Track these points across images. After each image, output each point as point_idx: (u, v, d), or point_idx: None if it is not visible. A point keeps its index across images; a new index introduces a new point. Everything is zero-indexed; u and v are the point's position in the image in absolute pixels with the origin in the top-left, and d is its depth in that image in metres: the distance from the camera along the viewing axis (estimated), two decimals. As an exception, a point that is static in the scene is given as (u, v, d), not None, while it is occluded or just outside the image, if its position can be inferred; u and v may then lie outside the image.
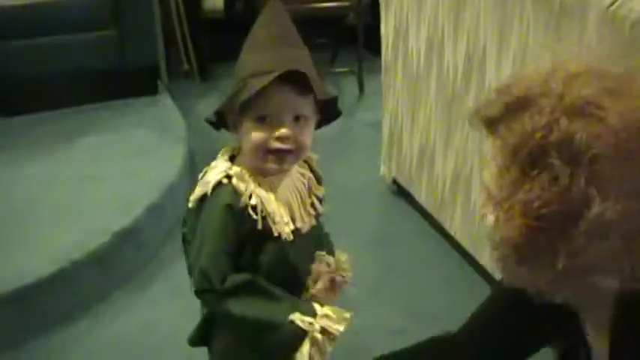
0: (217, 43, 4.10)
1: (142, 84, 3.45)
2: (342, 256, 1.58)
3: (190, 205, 1.44)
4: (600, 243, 0.97)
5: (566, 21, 1.96)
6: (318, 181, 1.56)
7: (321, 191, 1.55)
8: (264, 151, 1.38)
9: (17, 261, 2.45)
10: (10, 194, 2.81)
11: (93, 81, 3.34)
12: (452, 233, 2.71)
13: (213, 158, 1.50)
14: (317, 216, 1.54)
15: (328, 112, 1.46)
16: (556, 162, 0.97)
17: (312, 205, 1.53)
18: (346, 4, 3.83)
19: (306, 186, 1.52)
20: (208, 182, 1.40)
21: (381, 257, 2.78)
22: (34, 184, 2.85)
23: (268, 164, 1.40)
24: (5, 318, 2.35)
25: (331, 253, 1.60)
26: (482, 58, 2.35)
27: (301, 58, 1.40)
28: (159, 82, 3.55)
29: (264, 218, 1.40)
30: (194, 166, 3.22)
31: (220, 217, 1.38)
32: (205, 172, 1.44)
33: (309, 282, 1.52)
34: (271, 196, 1.42)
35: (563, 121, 0.98)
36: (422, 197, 2.88)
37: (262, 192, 1.41)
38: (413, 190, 2.95)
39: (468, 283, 2.58)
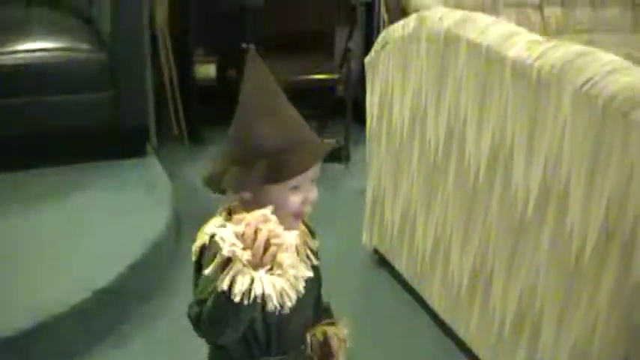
0: (208, 109, 4.21)
1: (132, 146, 3.49)
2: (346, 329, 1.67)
3: (193, 258, 1.48)
4: None
5: (544, 96, 2.03)
6: (312, 233, 1.60)
7: (315, 244, 1.59)
8: (297, 215, 1.47)
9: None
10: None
11: (84, 141, 3.37)
12: (431, 305, 2.73)
13: (200, 219, 1.53)
14: (314, 267, 1.56)
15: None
16: None
17: (308, 257, 1.56)
18: (335, 76, 3.92)
19: (301, 239, 1.54)
20: (204, 232, 1.44)
21: (357, 326, 2.79)
22: (17, 238, 2.87)
23: (295, 224, 1.48)
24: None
25: (333, 322, 1.69)
26: (462, 130, 2.41)
27: (305, 124, 1.48)
28: (148, 145, 3.58)
29: None
30: (180, 227, 3.26)
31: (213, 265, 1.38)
32: (203, 226, 1.46)
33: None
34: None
35: None
36: (402, 267, 2.91)
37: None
38: (394, 260, 2.97)
39: (446, 355, 2.60)
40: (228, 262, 1.30)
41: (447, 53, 2.45)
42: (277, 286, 1.29)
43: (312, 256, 1.57)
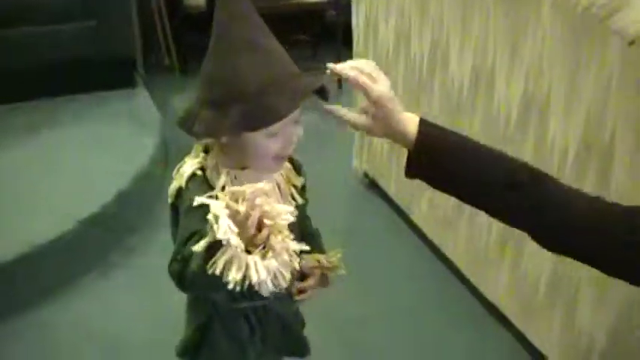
0: (199, 38, 4.14)
1: (118, 77, 3.46)
2: (337, 254, 1.58)
3: (169, 200, 1.41)
4: None
5: (524, 7, 1.98)
6: (297, 170, 1.51)
7: (300, 181, 1.51)
8: (278, 158, 1.36)
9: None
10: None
11: (68, 72, 3.35)
12: (418, 224, 2.72)
13: (189, 150, 1.48)
14: (297, 206, 1.46)
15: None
16: None
17: (292, 196, 1.49)
18: (325, 0, 3.84)
19: (284, 177, 1.47)
20: (182, 175, 1.37)
21: (347, 247, 2.79)
22: (5, 172, 2.88)
23: (276, 167, 1.40)
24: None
25: (320, 249, 1.59)
26: (446, 48, 2.37)
27: (288, 59, 1.34)
28: (136, 76, 3.55)
29: None
30: (168, 157, 3.24)
31: (189, 213, 1.32)
32: (180, 166, 1.40)
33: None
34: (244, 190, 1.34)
35: None
36: (391, 190, 2.90)
37: (238, 184, 1.31)
38: (383, 183, 2.96)
39: (434, 275, 2.60)
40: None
41: (427, -32, 2.39)
42: (271, 269, 1.20)
43: (296, 195, 1.49)
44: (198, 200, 1.21)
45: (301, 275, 1.57)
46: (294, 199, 1.48)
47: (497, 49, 2.13)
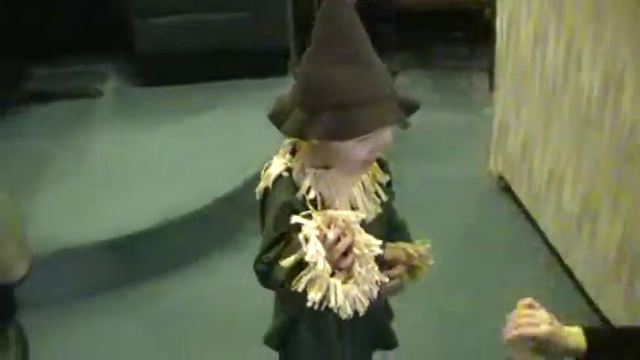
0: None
1: (273, 65, 3.60)
2: (425, 244, 1.58)
3: (257, 197, 1.49)
4: None
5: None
6: (383, 167, 1.54)
7: (385, 178, 1.54)
8: (366, 162, 1.41)
9: (128, 213, 2.68)
10: (133, 155, 3.06)
11: (225, 59, 3.53)
12: (544, 230, 2.69)
13: None
14: (382, 203, 1.51)
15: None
16: None
17: (377, 193, 1.52)
18: (482, -1, 3.81)
19: (370, 175, 1.51)
20: (269, 175, 1.43)
21: (471, 247, 2.81)
22: (155, 148, 3.10)
23: (363, 170, 1.45)
24: (108, 263, 2.60)
25: (407, 240, 1.60)
26: (579, 52, 2.32)
27: (386, 74, 1.38)
28: (289, 65, 3.68)
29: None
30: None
31: (275, 215, 1.40)
32: (267, 166, 1.47)
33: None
34: (332, 190, 1.43)
35: None
36: (521, 192, 2.88)
37: (323, 185, 1.42)
38: (515, 186, 2.94)
39: (553, 282, 2.56)
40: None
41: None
42: (350, 296, 1.31)
43: (380, 192, 1.51)
44: (295, 220, 1.31)
45: (388, 266, 1.59)
46: (378, 196, 1.51)
47: (627, 57, 2.07)
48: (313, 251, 1.26)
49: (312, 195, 1.39)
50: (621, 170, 2.12)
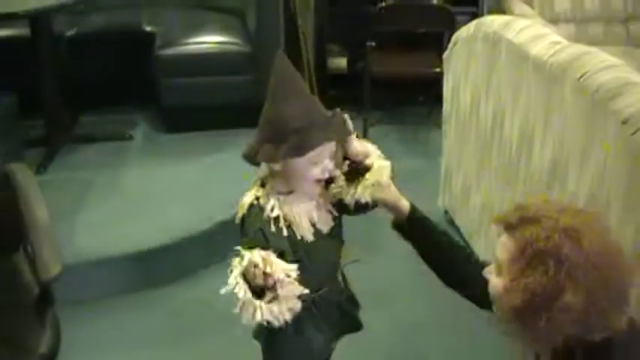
0: (338, 92, 4.37)
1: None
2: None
3: (237, 222, 1.61)
4: (565, 317, 1.26)
5: (554, 87, 2.06)
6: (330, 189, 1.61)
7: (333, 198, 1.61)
8: (317, 181, 1.54)
9: (150, 231, 2.77)
10: (156, 186, 3.15)
11: (230, 113, 3.62)
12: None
13: None
14: (335, 218, 1.61)
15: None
16: (550, 262, 1.26)
17: (329, 210, 1.61)
18: (437, 69, 3.94)
19: (323, 195, 1.59)
20: (244, 205, 1.58)
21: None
22: (173, 180, 3.20)
23: (315, 189, 1.56)
24: (132, 270, 2.70)
25: None
26: (503, 115, 2.45)
27: (321, 105, 1.53)
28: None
29: (289, 227, 1.52)
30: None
31: (251, 238, 1.52)
32: (241, 199, 1.61)
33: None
34: (293, 209, 1.54)
35: (554, 237, 1.27)
36: (462, 225, 2.95)
37: (286, 207, 1.53)
38: (457, 219, 3.01)
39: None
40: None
41: (493, 51, 2.48)
42: (275, 311, 1.43)
43: (331, 208, 1.61)
44: (247, 201, 1.56)
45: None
46: (330, 212, 1.62)
47: (536, 119, 2.20)
48: (236, 282, 1.46)
49: (274, 214, 1.51)
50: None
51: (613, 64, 1.88)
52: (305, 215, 1.56)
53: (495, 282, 1.38)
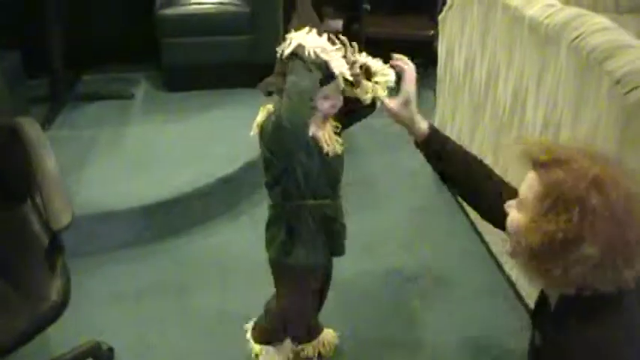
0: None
1: (267, 77, 3.65)
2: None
3: (253, 132, 1.78)
4: (580, 268, 1.22)
5: (548, 48, 2.03)
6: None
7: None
8: (325, 115, 1.69)
9: (152, 186, 2.75)
10: (158, 143, 3.13)
11: (229, 72, 3.60)
12: (468, 213, 2.78)
13: None
14: (341, 144, 1.73)
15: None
16: (574, 210, 1.20)
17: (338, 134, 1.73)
18: (431, 32, 3.91)
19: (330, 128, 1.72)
20: (258, 122, 1.79)
21: (420, 215, 2.92)
22: (175, 137, 3.17)
23: (324, 122, 1.69)
24: (136, 224, 2.68)
25: None
26: (497, 76, 2.43)
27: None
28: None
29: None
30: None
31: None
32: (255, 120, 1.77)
33: None
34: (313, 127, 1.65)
35: (582, 185, 1.21)
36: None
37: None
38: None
39: (478, 255, 2.65)
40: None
41: (489, 12, 2.45)
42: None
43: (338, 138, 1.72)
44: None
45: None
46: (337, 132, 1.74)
47: (529, 80, 2.18)
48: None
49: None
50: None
51: (607, 27, 1.85)
52: (326, 135, 1.68)
53: (516, 217, 1.32)
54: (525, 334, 1.53)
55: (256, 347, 2.02)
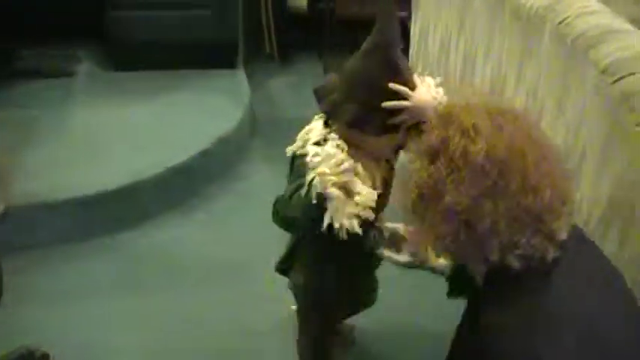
0: (297, 34, 4.30)
1: (223, 59, 3.62)
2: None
3: (288, 154, 1.57)
4: (448, 222, 1.20)
5: (531, 32, 2.04)
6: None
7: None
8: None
9: (98, 174, 2.70)
10: (103, 127, 3.06)
11: (187, 51, 3.53)
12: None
13: (275, 124, 1.48)
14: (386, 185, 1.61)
15: None
16: (442, 162, 1.19)
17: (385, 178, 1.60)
18: (405, 13, 3.90)
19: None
20: (308, 140, 1.52)
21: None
22: (122, 122, 3.11)
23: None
24: (81, 215, 2.62)
25: None
26: (474, 61, 2.44)
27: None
28: (238, 59, 3.71)
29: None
30: (255, 128, 3.43)
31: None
32: (306, 131, 1.56)
33: None
34: (358, 165, 1.49)
35: (456, 138, 1.19)
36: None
37: (351, 160, 1.47)
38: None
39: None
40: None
41: (467, -6, 2.45)
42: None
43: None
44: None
45: None
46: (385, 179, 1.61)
47: (509, 67, 2.19)
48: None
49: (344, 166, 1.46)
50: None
51: (596, 10, 1.86)
52: (368, 175, 1.52)
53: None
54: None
55: None
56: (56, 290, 2.38)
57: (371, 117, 1.46)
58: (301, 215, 1.48)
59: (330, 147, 1.45)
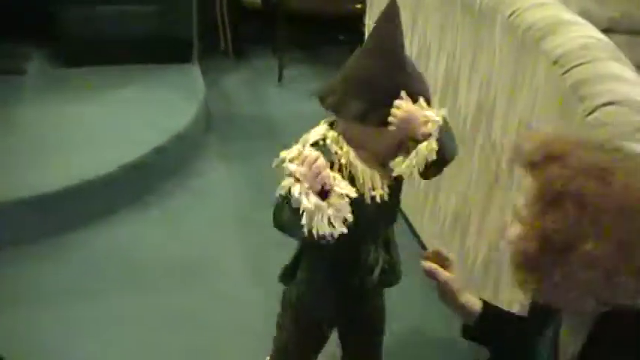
0: (252, 30, 4.31)
1: (177, 54, 3.63)
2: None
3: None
4: (587, 274, 1.12)
5: (483, 25, 2.08)
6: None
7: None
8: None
9: (48, 174, 2.67)
10: (54, 125, 3.04)
11: (137, 46, 3.52)
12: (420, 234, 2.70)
13: (229, 120, 1.48)
14: (391, 194, 1.51)
15: None
16: (569, 205, 1.11)
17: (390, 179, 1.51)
18: (358, 5, 3.93)
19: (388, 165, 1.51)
20: (307, 140, 1.45)
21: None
22: (74, 119, 3.09)
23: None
24: (29, 217, 2.59)
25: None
26: (428, 56, 2.48)
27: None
28: (192, 55, 3.71)
29: (351, 180, 1.44)
30: (210, 124, 3.43)
31: None
32: (307, 133, 1.49)
33: None
34: (358, 162, 1.46)
35: (579, 177, 1.12)
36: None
37: (352, 156, 1.45)
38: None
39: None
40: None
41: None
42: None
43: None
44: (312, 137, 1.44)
45: None
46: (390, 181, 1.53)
47: (462, 60, 2.23)
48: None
49: (343, 161, 1.44)
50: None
51: (545, 2, 1.92)
52: (369, 175, 1.47)
53: (510, 231, 1.21)
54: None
55: None
56: (6, 295, 2.35)
57: (374, 113, 1.42)
58: (286, 222, 1.42)
59: (307, 148, 1.39)
